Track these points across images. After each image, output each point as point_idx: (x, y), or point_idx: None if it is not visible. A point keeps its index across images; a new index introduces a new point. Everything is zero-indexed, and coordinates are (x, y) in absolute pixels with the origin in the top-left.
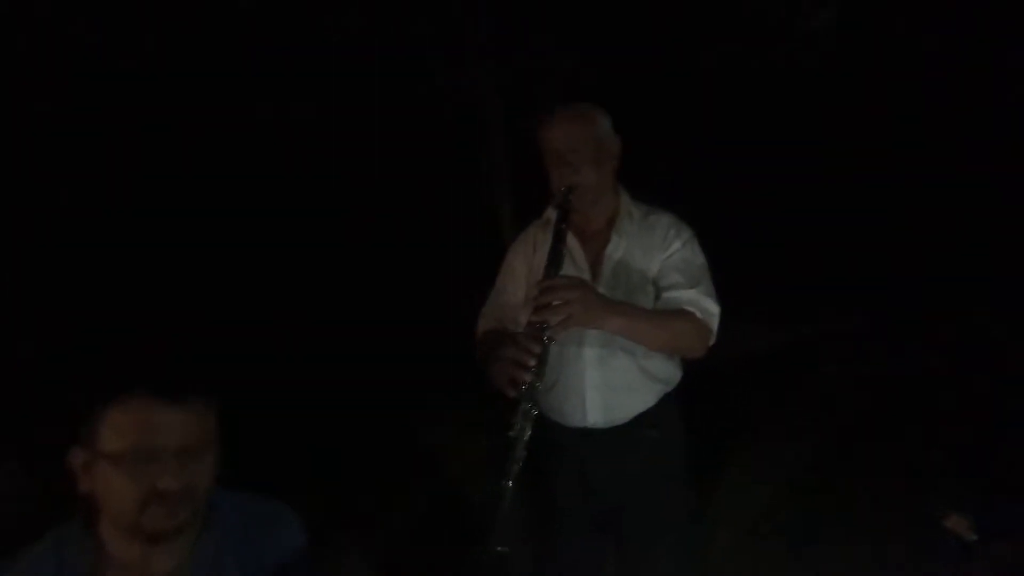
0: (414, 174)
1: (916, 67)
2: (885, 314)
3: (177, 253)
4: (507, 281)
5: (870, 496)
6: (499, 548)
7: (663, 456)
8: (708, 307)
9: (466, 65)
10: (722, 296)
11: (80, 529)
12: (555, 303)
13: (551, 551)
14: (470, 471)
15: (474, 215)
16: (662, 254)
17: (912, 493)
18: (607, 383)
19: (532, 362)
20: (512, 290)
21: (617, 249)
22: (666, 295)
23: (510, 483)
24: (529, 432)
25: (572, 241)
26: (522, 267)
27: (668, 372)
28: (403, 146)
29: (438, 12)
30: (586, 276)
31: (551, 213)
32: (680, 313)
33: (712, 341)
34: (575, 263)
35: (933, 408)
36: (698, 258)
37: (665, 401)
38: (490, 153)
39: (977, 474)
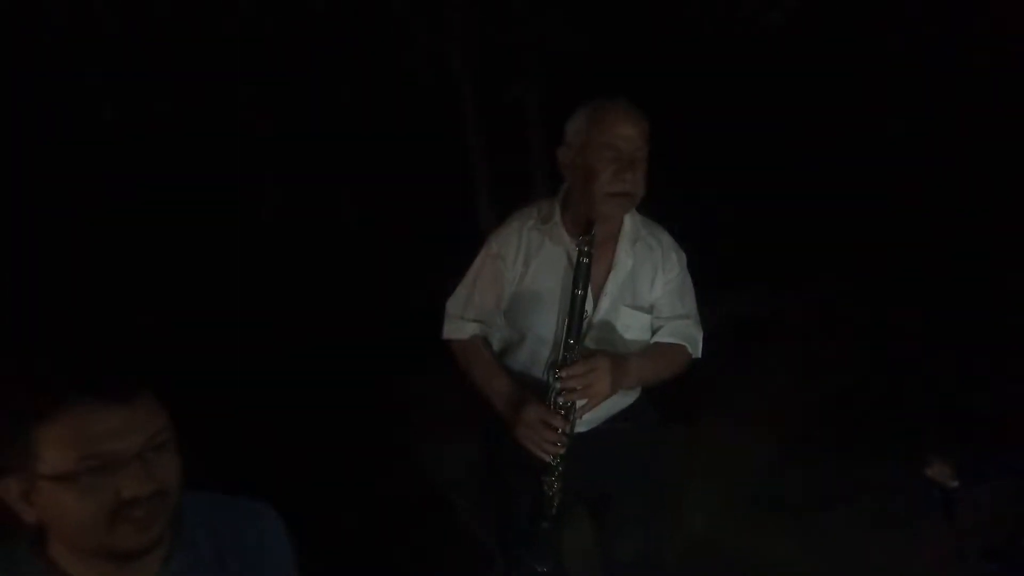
0: (385, 149)
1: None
2: (872, 276)
3: (108, 237)
4: (489, 283)
5: (861, 455)
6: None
7: (637, 445)
8: (698, 337)
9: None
10: (704, 267)
11: (28, 550)
12: (573, 388)
13: (518, 540)
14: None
15: (449, 190)
16: (663, 276)
17: (897, 449)
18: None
19: (562, 438)
20: (489, 294)
21: (621, 272)
22: (668, 325)
23: (547, 526)
24: (563, 490)
25: (572, 246)
26: (507, 273)
27: None
28: (376, 119)
29: None
30: (589, 293)
31: (547, 212)
32: (673, 351)
33: None
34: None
35: (918, 366)
36: (688, 283)
37: (640, 398)
38: (466, 126)
39: (958, 424)
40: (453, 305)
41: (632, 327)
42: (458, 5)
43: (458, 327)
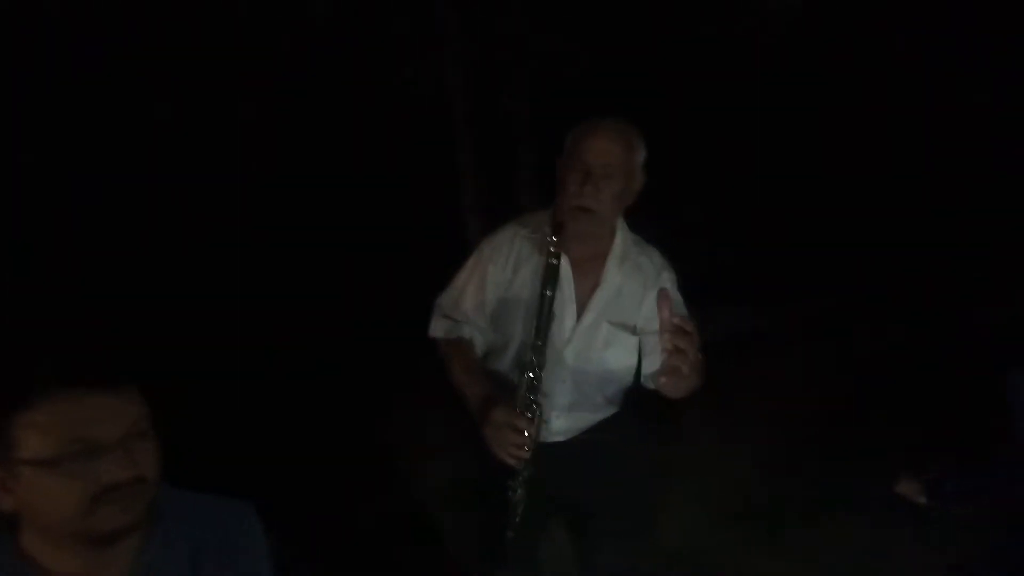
0: (378, 164)
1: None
2: (860, 295)
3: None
4: (473, 286)
5: (841, 469)
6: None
7: (617, 456)
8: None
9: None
10: (698, 281)
11: (5, 550)
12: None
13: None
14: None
15: (437, 201)
16: (652, 292)
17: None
18: (572, 410)
19: (527, 441)
20: (475, 297)
21: (608, 290)
22: (655, 339)
23: (511, 535)
24: (527, 496)
25: (564, 265)
26: (494, 278)
27: (629, 387)
28: (369, 135)
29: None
30: (571, 308)
31: (539, 222)
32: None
33: None
34: (563, 291)
35: (903, 385)
36: (680, 300)
37: (624, 409)
38: (458, 142)
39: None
40: (442, 302)
41: (613, 344)
42: (453, 20)
43: (444, 325)
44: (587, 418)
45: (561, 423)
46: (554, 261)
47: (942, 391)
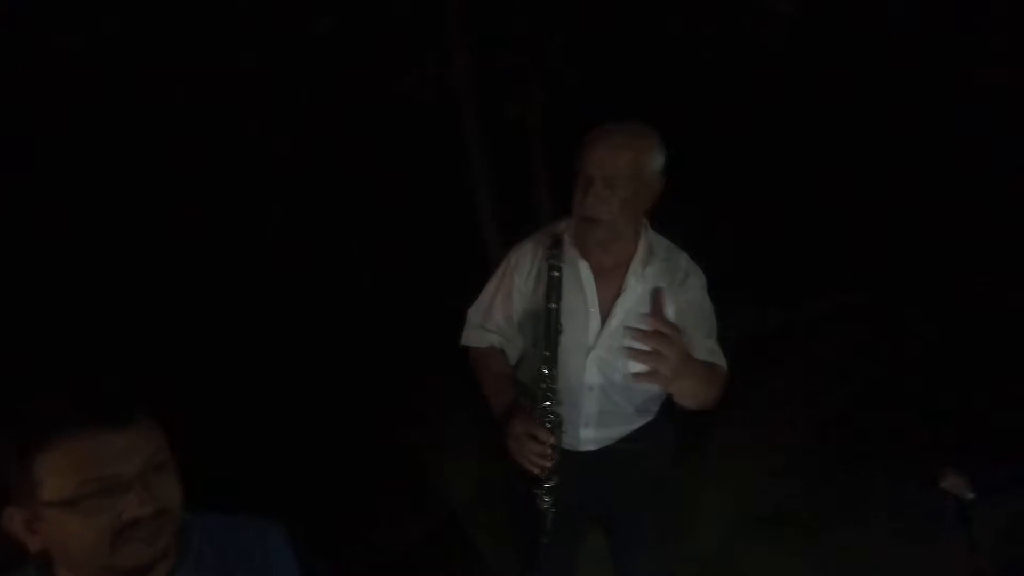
0: (390, 168)
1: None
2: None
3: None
4: (501, 295)
5: (873, 470)
6: None
7: (647, 464)
8: (722, 356)
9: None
10: (716, 281)
11: (37, 574)
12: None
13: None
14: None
15: (453, 211)
16: (680, 296)
17: (911, 463)
18: (602, 419)
19: (549, 451)
20: (504, 307)
21: (631, 296)
22: (699, 346)
23: (545, 541)
24: (555, 503)
25: (586, 274)
26: (520, 288)
27: (660, 404)
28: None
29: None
30: (594, 317)
31: (562, 229)
32: (717, 370)
33: None
34: (584, 299)
35: (931, 379)
36: (708, 304)
37: (657, 418)
38: (468, 147)
39: (973, 439)
40: (474, 313)
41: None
42: (460, 25)
43: (476, 335)
44: (618, 428)
45: (591, 432)
46: (555, 273)
47: (974, 387)
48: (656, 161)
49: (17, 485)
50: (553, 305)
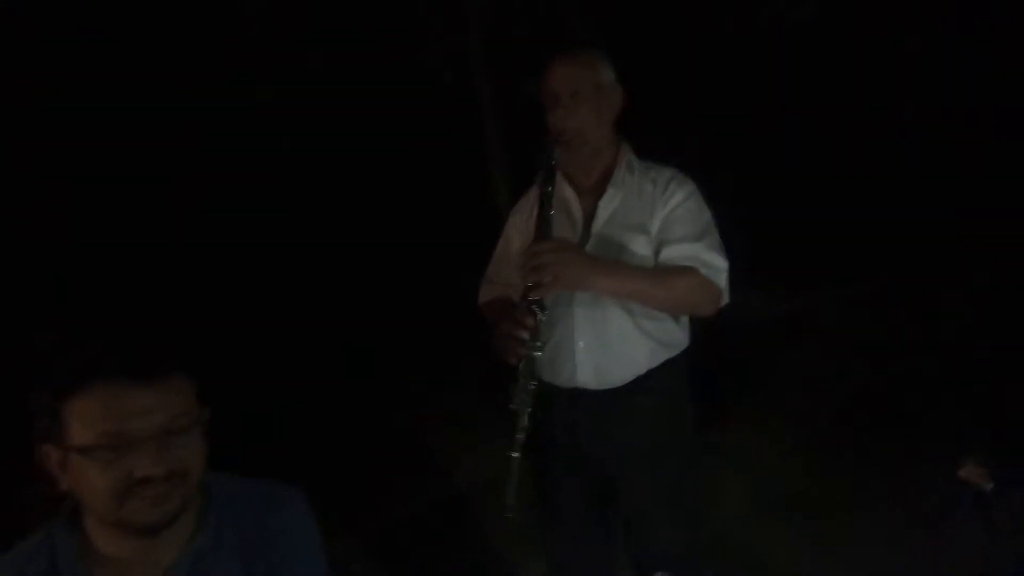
0: (403, 148)
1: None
2: (890, 279)
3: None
4: (504, 247)
5: (885, 458)
6: (508, 515)
7: (661, 426)
8: (714, 262)
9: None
10: (733, 263)
11: (66, 526)
12: (542, 265)
13: (553, 521)
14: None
15: (469, 192)
16: (662, 208)
17: (927, 451)
18: (598, 340)
19: (527, 335)
20: (507, 253)
21: (613, 200)
22: (667, 250)
23: (516, 455)
24: (531, 404)
25: (569, 193)
26: (519, 231)
27: (669, 334)
28: (394, 120)
29: None
30: (578, 229)
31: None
32: (681, 270)
33: (724, 299)
34: (570, 217)
35: (943, 369)
36: (703, 211)
37: (667, 367)
38: (484, 127)
39: (994, 426)
40: (487, 272)
41: (628, 247)
42: (475, 1)
43: (485, 291)
44: (618, 362)
45: (587, 361)
46: (548, 188)
47: (986, 377)
48: (606, 70)
49: (50, 426)
50: (546, 191)
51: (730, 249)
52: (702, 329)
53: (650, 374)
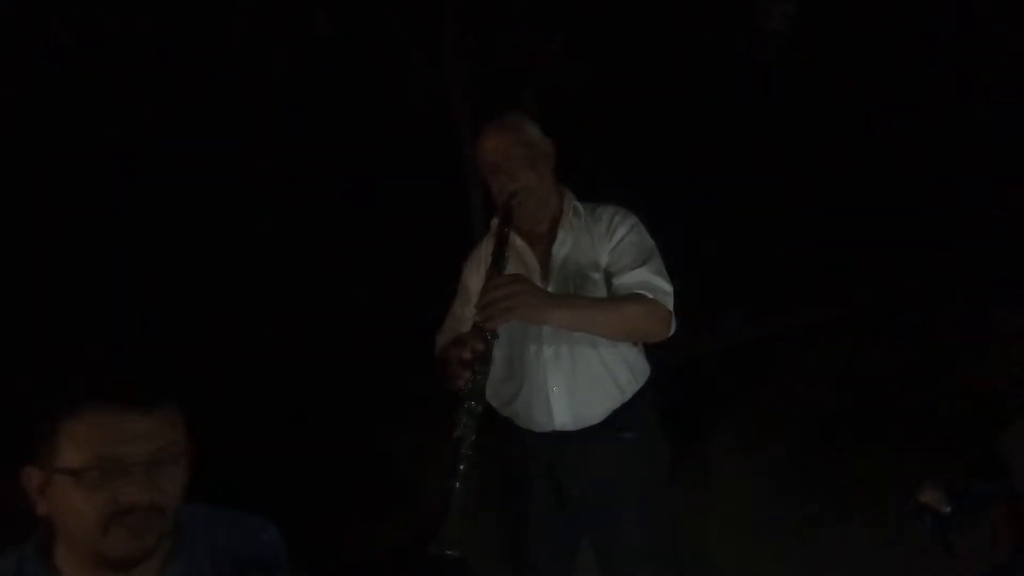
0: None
1: (878, 56)
2: (862, 304)
3: (135, 258)
4: (461, 300)
5: (854, 481)
6: (449, 552)
7: (639, 460)
8: (659, 285)
9: (436, 63)
10: (702, 290)
11: (37, 553)
12: (496, 298)
13: (529, 564)
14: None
15: (447, 218)
16: (608, 242)
17: (895, 473)
18: (570, 380)
19: (476, 359)
20: (465, 308)
21: (564, 246)
22: (616, 281)
23: (458, 484)
24: (475, 431)
25: (521, 244)
26: (474, 284)
27: (633, 363)
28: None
29: (408, 10)
30: (536, 276)
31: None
32: (631, 297)
33: (673, 323)
34: (525, 265)
35: (909, 396)
36: (646, 240)
37: (638, 401)
38: (462, 156)
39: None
40: (443, 328)
41: (586, 286)
42: (456, 34)
43: (438, 342)
44: (592, 400)
45: (563, 402)
46: (506, 229)
47: (956, 399)
48: (532, 127)
49: (40, 447)
50: (503, 232)
51: (696, 278)
52: (673, 356)
53: (625, 407)
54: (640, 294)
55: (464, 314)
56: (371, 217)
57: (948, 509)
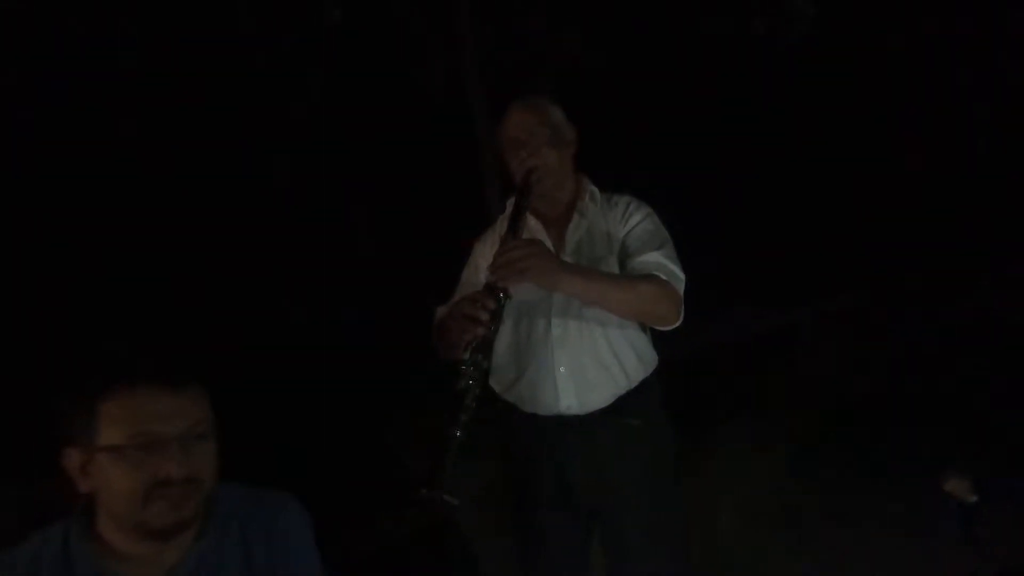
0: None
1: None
2: (876, 294)
3: (154, 249)
4: (469, 274)
5: (874, 471)
6: (446, 497)
7: (646, 446)
8: (673, 270)
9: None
10: (716, 282)
11: (79, 526)
12: (512, 259)
13: (535, 549)
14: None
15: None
16: (623, 228)
17: (912, 464)
18: (577, 362)
19: (486, 316)
20: (473, 283)
21: (578, 229)
22: (630, 263)
23: (459, 433)
24: (480, 385)
25: (535, 224)
26: (483, 253)
27: (641, 349)
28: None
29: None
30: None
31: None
32: (645, 276)
33: (682, 312)
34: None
35: (930, 384)
36: (660, 229)
37: (645, 387)
38: (478, 145)
39: (977, 440)
40: (452, 298)
41: (601, 267)
42: (472, 23)
43: (438, 314)
44: (599, 383)
45: (569, 385)
46: (524, 202)
47: (975, 390)
48: (556, 110)
49: (79, 428)
50: (522, 203)
51: (716, 268)
52: (687, 348)
53: (631, 394)
54: (654, 275)
55: (470, 290)
56: (384, 211)
57: (974, 498)
